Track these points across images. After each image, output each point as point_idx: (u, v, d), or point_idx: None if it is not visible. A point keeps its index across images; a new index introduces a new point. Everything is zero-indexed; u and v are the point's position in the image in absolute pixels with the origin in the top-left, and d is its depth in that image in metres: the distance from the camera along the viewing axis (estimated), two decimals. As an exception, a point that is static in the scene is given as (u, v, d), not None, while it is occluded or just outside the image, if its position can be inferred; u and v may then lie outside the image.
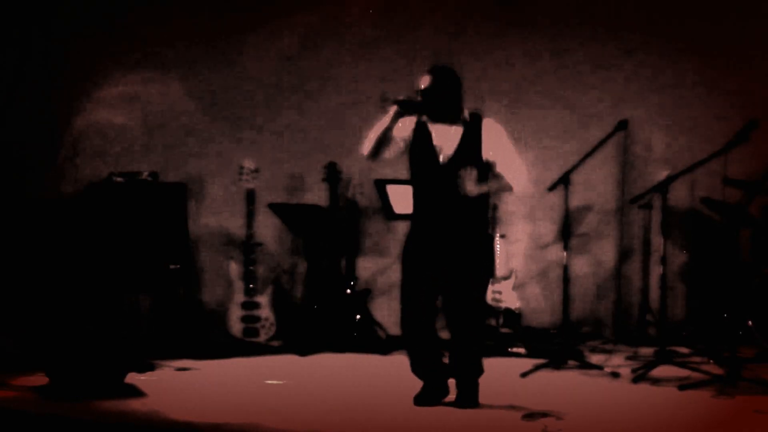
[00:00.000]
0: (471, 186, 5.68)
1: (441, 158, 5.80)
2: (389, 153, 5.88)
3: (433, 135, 5.84)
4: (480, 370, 5.92)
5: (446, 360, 5.98)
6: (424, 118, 5.84)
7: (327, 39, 8.69)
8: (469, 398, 5.85)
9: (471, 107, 5.94)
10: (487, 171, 5.80)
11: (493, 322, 7.86)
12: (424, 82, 5.77)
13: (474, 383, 5.89)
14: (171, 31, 8.51)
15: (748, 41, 8.62)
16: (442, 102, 5.77)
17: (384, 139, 5.79)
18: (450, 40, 8.64)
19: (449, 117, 5.82)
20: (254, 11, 8.60)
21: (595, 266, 8.75)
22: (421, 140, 5.85)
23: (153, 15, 8.47)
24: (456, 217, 5.77)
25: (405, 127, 5.86)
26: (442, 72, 5.83)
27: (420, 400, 5.89)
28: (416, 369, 5.97)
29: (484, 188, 5.76)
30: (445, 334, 5.99)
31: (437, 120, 5.83)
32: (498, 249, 8.07)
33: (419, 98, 5.75)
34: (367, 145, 5.82)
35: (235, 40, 8.59)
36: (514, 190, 5.90)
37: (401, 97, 5.74)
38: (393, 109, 5.73)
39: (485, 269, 6.03)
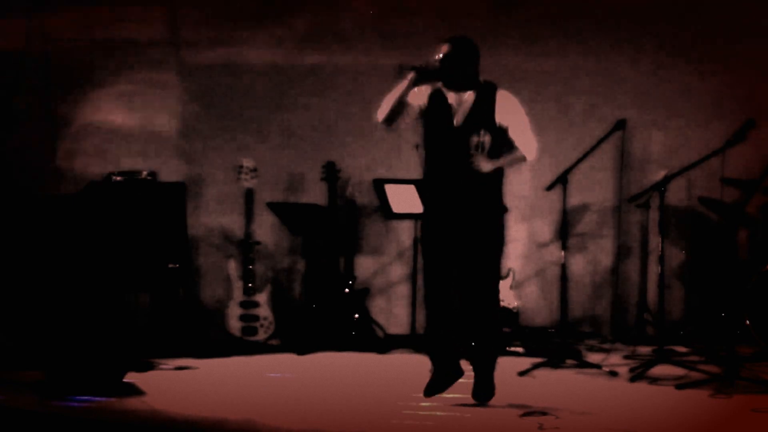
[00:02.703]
0: (484, 163, 5.74)
1: (456, 124, 5.84)
2: (404, 119, 5.91)
3: (449, 100, 5.89)
4: (497, 349, 5.94)
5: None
6: (440, 84, 5.89)
7: (326, 38, 8.69)
8: (484, 388, 5.84)
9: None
10: (499, 136, 5.83)
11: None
12: (442, 50, 5.85)
13: (490, 367, 5.87)
14: (170, 31, 8.51)
15: (746, 41, 8.63)
16: (458, 69, 5.84)
17: (399, 105, 5.83)
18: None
19: (465, 84, 5.88)
20: (254, 10, 8.60)
21: (593, 265, 8.76)
22: (436, 105, 5.89)
23: (152, 14, 8.47)
24: (470, 181, 5.79)
25: (420, 94, 5.90)
26: (459, 41, 5.91)
27: (430, 389, 5.87)
28: (432, 342, 5.95)
29: (497, 163, 5.80)
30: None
31: (453, 87, 5.88)
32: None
33: (437, 65, 5.82)
34: (382, 111, 5.86)
35: (235, 39, 8.60)
36: (528, 160, 5.92)
37: (419, 64, 5.79)
38: (410, 76, 5.78)
39: (500, 239, 5.97)
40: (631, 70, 8.73)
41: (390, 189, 8.02)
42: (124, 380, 6.30)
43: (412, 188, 7.88)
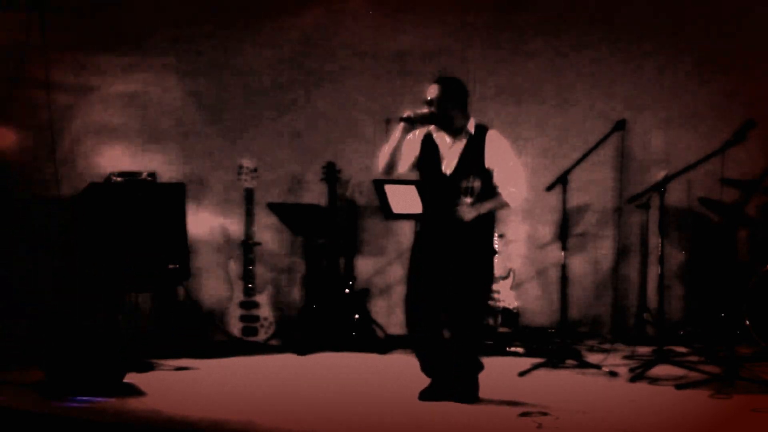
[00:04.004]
0: (467, 212, 5.81)
1: (446, 169, 5.91)
2: (402, 167, 6.02)
3: (439, 146, 5.96)
4: (478, 366, 5.98)
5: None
6: (432, 128, 5.96)
7: (326, 38, 8.69)
8: (466, 393, 5.89)
9: (474, 108, 6.04)
10: (489, 180, 5.90)
11: (491, 321, 7.88)
12: (432, 92, 5.91)
13: (472, 378, 5.94)
14: (170, 31, 8.50)
15: (746, 41, 8.64)
16: (448, 112, 5.89)
17: (395, 156, 5.94)
18: (449, 40, 8.65)
19: (455, 127, 5.93)
20: (254, 11, 8.60)
21: (593, 266, 8.77)
22: (427, 152, 5.98)
23: (153, 14, 8.47)
24: (460, 228, 5.84)
25: (415, 139, 5.98)
26: (449, 82, 5.97)
27: (425, 394, 5.95)
28: (425, 368, 6.05)
29: (481, 210, 5.86)
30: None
31: (444, 130, 5.94)
32: (496, 249, 8.09)
33: (425, 110, 5.88)
34: (380, 163, 5.99)
35: (235, 39, 8.59)
36: (511, 207, 6.04)
37: (407, 114, 5.87)
38: (400, 127, 5.87)
39: (486, 278, 6.13)
40: (632, 70, 8.73)
41: (390, 189, 8.02)
42: (125, 380, 6.31)
43: (412, 188, 7.86)
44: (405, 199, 7.92)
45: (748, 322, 7.37)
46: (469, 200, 5.84)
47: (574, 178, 7.35)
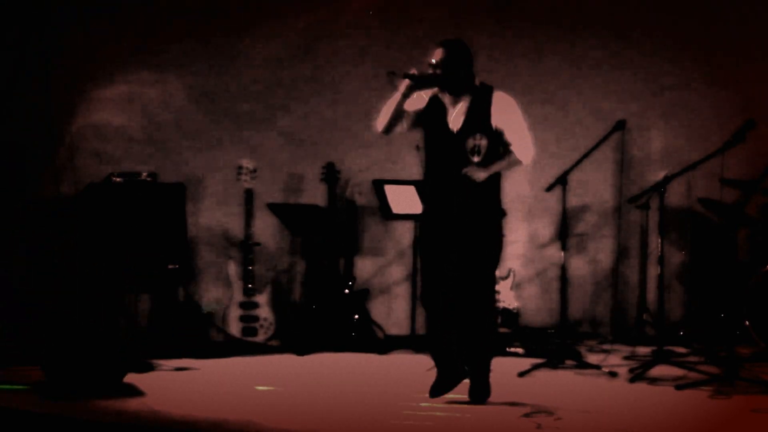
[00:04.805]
0: (477, 172, 5.75)
1: (453, 129, 5.86)
2: (401, 127, 5.96)
3: (446, 105, 5.91)
4: (492, 350, 5.94)
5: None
6: (437, 90, 5.91)
7: (326, 39, 8.70)
8: (480, 388, 5.86)
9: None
10: (496, 139, 5.85)
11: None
12: (436, 55, 5.87)
13: (485, 368, 5.88)
14: (170, 31, 8.51)
15: (746, 41, 8.64)
16: (454, 73, 5.85)
17: (397, 114, 5.88)
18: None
19: (461, 88, 5.88)
20: (253, 11, 8.61)
21: (593, 266, 8.77)
22: (434, 110, 5.92)
23: (152, 15, 8.47)
24: (467, 186, 5.79)
25: (416, 100, 5.93)
26: (453, 44, 5.93)
27: (435, 390, 5.89)
28: (434, 344, 5.97)
29: (492, 170, 5.81)
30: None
31: (450, 91, 5.90)
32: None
33: (430, 71, 5.83)
34: (380, 120, 5.92)
35: (235, 40, 8.60)
36: (524, 164, 5.95)
37: (412, 71, 5.81)
38: (404, 84, 5.81)
39: (497, 242, 5.97)
40: (633, 70, 8.73)
41: (390, 190, 8.02)
42: (124, 381, 6.31)
43: (411, 189, 7.89)
44: (405, 200, 7.93)
45: (747, 323, 7.38)
46: (476, 159, 5.81)
47: (574, 179, 7.36)
